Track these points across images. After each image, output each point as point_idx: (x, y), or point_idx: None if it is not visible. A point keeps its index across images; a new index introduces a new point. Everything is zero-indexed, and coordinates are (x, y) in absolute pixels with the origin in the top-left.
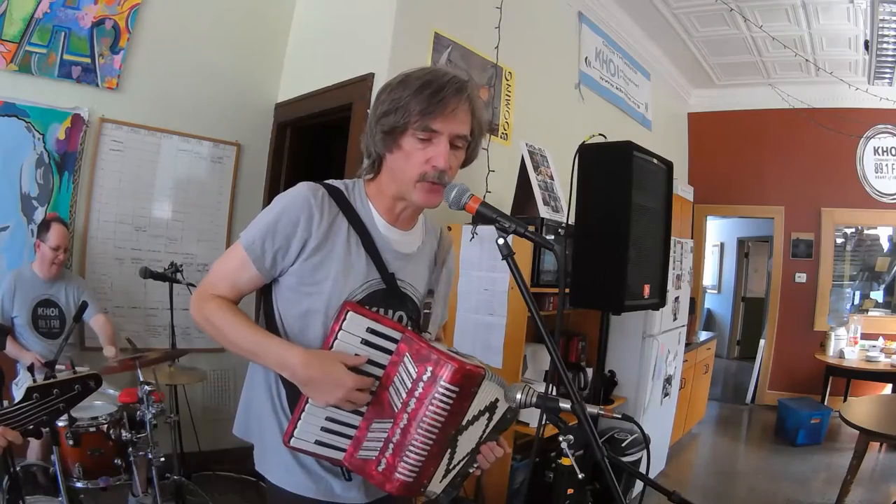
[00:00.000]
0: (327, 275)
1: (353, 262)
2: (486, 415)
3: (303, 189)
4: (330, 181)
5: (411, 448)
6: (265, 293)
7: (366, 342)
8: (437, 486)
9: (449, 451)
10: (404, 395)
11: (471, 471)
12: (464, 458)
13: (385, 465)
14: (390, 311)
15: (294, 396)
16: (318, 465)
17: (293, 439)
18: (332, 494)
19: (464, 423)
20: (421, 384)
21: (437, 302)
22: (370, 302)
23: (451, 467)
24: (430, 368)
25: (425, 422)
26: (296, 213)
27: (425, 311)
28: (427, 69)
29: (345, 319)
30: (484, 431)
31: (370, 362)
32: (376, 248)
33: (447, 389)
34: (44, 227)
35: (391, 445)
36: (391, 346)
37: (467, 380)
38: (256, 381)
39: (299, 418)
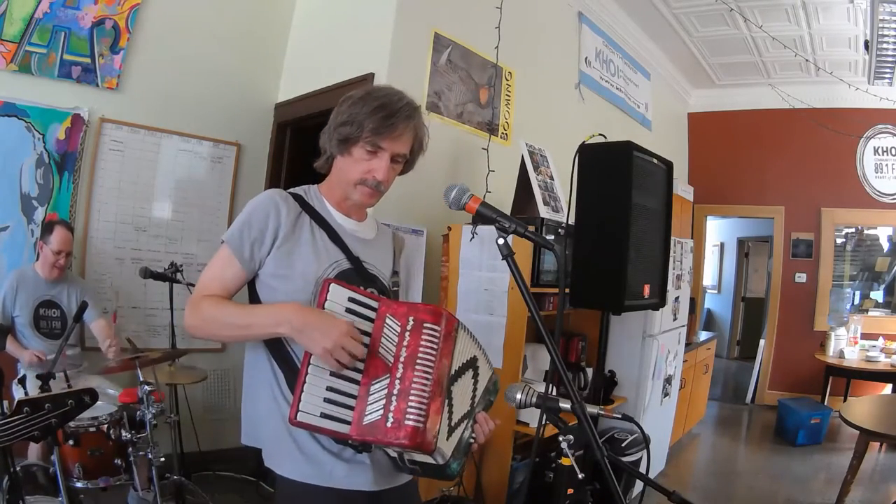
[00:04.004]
0: (298, 259)
1: (320, 247)
2: (471, 371)
3: (268, 192)
4: (290, 189)
5: (413, 389)
6: (251, 293)
7: (349, 311)
8: (444, 444)
9: (447, 402)
10: (394, 349)
11: (471, 441)
12: (462, 418)
13: (393, 419)
14: (362, 288)
15: (293, 377)
16: (322, 451)
17: (299, 414)
18: (338, 480)
19: (452, 372)
20: (407, 334)
21: (401, 283)
22: (342, 279)
23: (452, 424)
24: (411, 318)
25: (420, 360)
26: (265, 208)
27: (394, 289)
28: (386, 91)
29: (328, 291)
30: (473, 391)
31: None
32: (338, 236)
33: (431, 328)
34: (47, 229)
35: (394, 398)
36: (371, 313)
37: (446, 319)
38: (255, 381)
39: (302, 391)
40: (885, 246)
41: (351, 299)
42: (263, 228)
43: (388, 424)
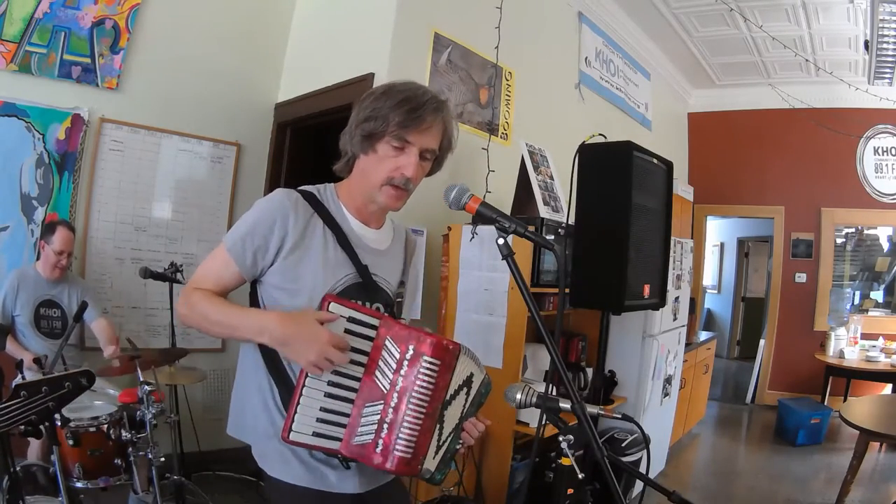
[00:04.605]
0: (307, 271)
1: (330, 258)
2: (465, 389)
3: (278, 194)
4: (303, 187)
5: (405, 424)
6: (252, 295)
7: (348, 331)
8: (430, 463)
9: (437, 426)
10: (391, 375)
11: (458, 447)
12: (450, 433)
13: (382, 445)
14: (367, 303)
15: (287, 394)
16: (312, 456)
17: (292, 433)
18: (328, 484)
19: (447, 397)
20: (405, 362)
21: (408, 293)
22: (348, 294)
23: (440, 443)
24: (412, 346)
25: (415, 396)
26: (272, 214)
27: (398, 300)
28: (410, 84)
29: (327, 311)
30: (464, 406)
31: (354, 350)
32: (351, 245)
33: (430, 363)
34: (49, 229)
35: (385, 425)
36: (371, 332)
37: (447, 352)
38: (247, 380)
39: (295, 412)
40: (885, 246)
41: (351, 319)
42: (268, 236)
43: (377, 450)
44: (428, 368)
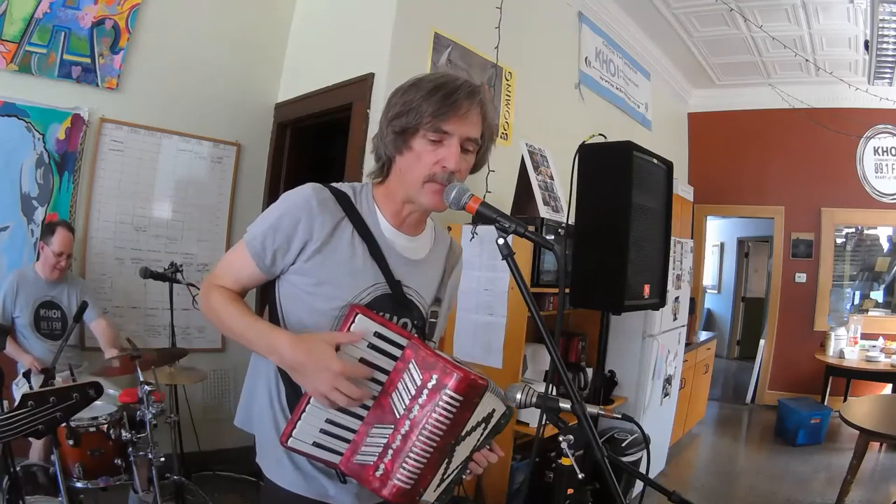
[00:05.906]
0: (331, 277)
1: (358, 266)
2: (483, 425)
3: (307, 190)
4: (337, 184)
5: (411, 455)
6: (268, 291)
7: (372, 346)
8: (431, 494)
9: (446, 460)
10: (407, 402)
11: (464, 476)
12: (458, 466)
13: (383, 470)
14: (395, 318)
15: (294, 395)
16: (311, 466)
17: (291, 440)
18: (326, 495)
19: (463, 433)
20: (425, 391)
21: (441, 311)
22: (376, 307)
23: (445, 476)
24: (435, 376)
25: (427, 429)
26: (297, 213)
27: (431, 319)
28: (439, 73)
29: (353, 322)
30: (478, 440)
31: (374, 366)
32: (382, 253)
33: (451, 398)
34: (49, 230)
35: (390, 451)
36: (397, 351)
37: (471, 389)
38: (258, 373)
39: (299, 419)
40: (885, 246)
41: (377, 334)
42: (291, 236)
43: (377, 474)
44: (448, 403)
